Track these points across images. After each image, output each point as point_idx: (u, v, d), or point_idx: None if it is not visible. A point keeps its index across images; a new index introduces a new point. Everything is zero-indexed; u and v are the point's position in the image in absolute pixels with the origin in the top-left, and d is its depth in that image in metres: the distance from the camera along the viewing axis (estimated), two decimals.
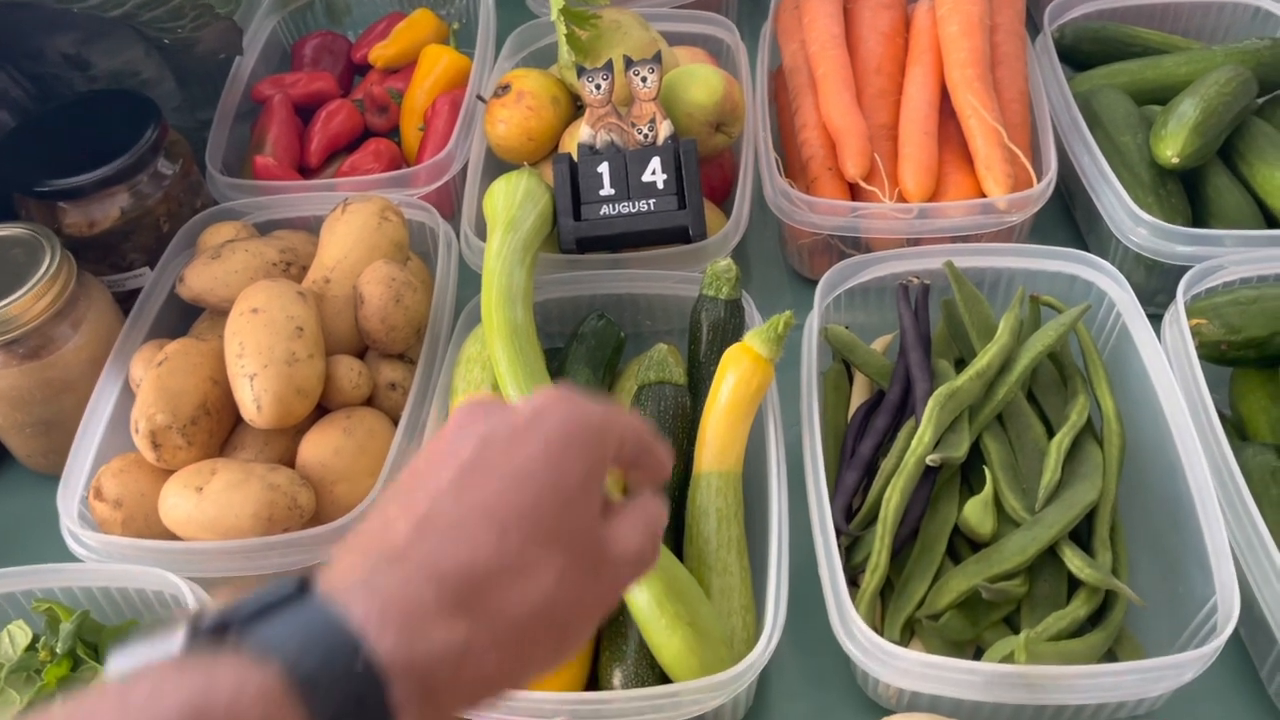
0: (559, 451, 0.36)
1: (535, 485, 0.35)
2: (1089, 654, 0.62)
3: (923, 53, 0.89)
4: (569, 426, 0.36)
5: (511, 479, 0.35)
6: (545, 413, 0.37)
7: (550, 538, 0.34)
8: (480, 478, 0.34)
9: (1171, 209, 0.82)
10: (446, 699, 0.32)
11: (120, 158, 0.82)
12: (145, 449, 0.70)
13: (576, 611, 0.35)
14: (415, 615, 0.31)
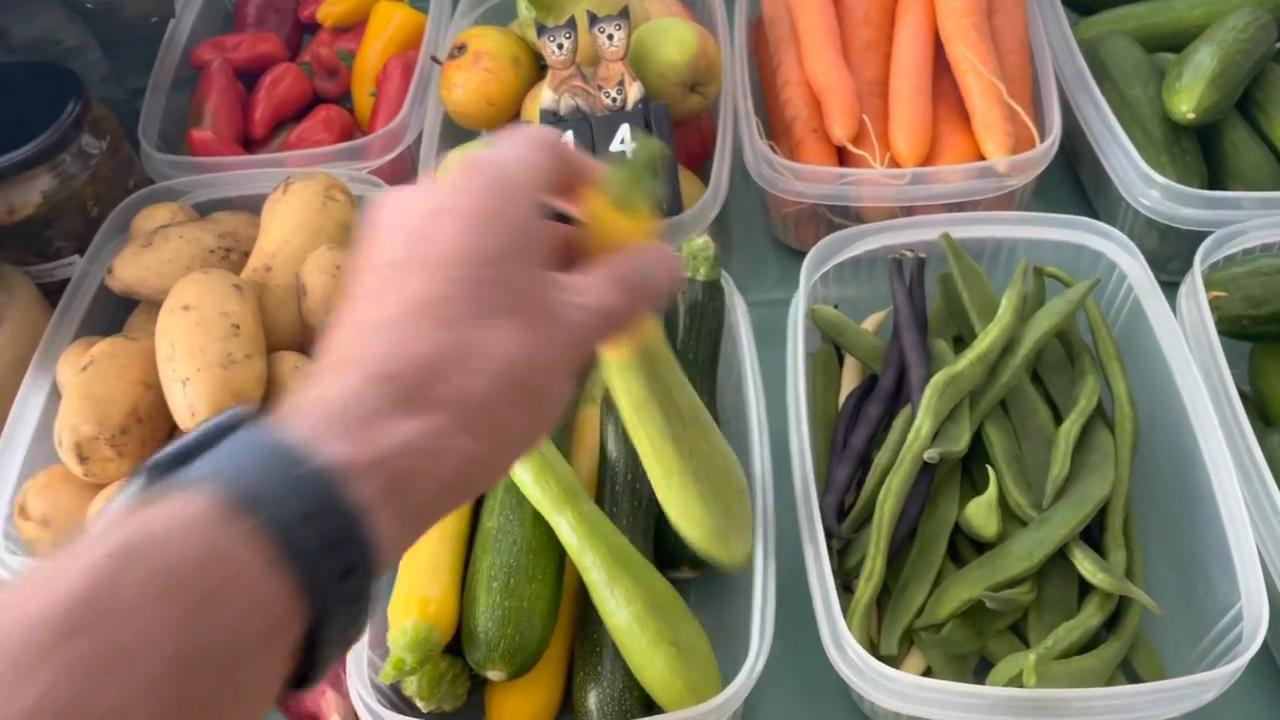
0: (481, 221, 0.34)
1: (465, 262, 0.33)
2: (1102, 670, 0.57)
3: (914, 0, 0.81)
4: (488, 195, 0.35)
5: (438, 265, 0.33)
6: (463, 186, 0.35)
7: (492, 308, 0.33)
8: (408, 273, 0.33)
9: (1186, 168, 0.75)
10: (425, 493, 0.30)
11: (39, 137, 0.75)
12: (71, 462, 0.65)
13: (542, 370, 0.34)
14: (366, 417, 0.30)
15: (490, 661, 0.58)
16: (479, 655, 0.58)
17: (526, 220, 0.35)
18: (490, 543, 0.61)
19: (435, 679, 0.59)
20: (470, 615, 0.59)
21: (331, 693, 0.60)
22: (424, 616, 0.58)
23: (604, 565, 0.58)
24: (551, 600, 0.60)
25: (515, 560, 0.60)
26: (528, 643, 0.58)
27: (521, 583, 0.59)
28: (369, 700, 0.56)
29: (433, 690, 0.59)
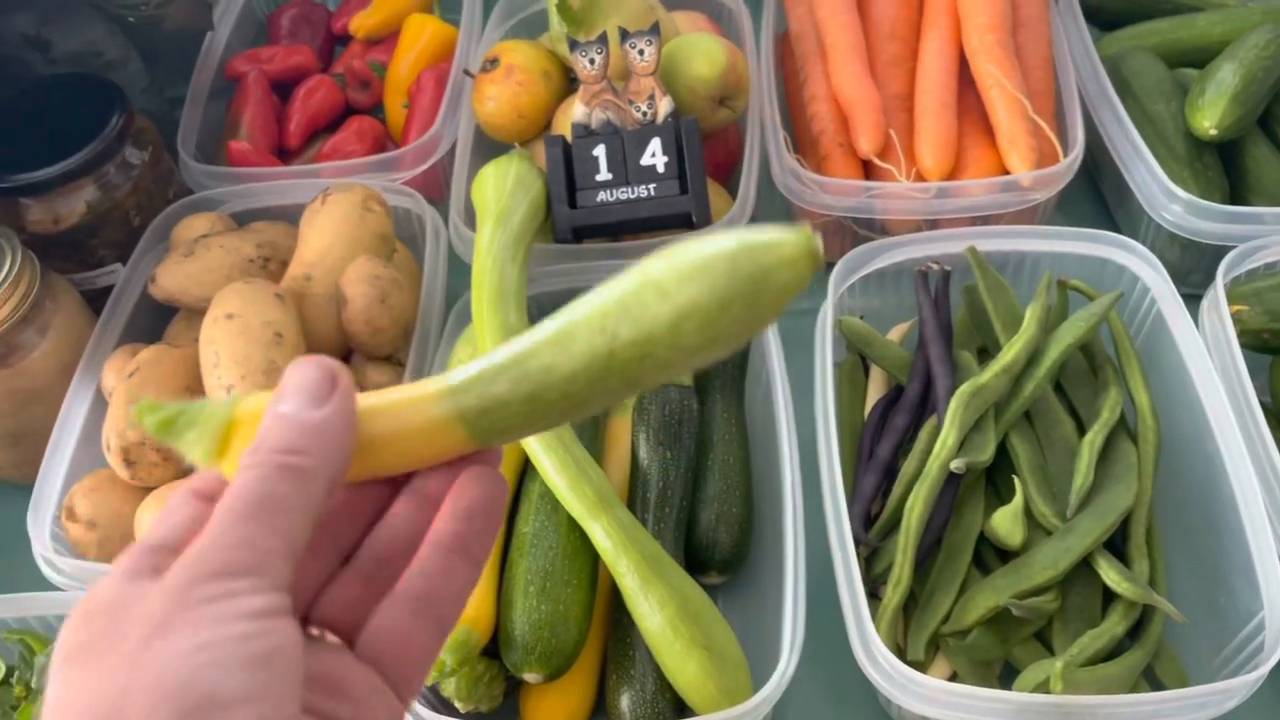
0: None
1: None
2: (1127, 677, 0.58)
3: (939, 15, 0.83)
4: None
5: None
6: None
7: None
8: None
9: (1208, 183, 0.76)
10: None
11: (85, 148, 0.77)
12: (118, 467, 0.66)
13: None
14: None
15: (527, 664, 0.59)
16: (516, 658, 0.60)
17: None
18: (526, 548, 0.62)
19: (473, 681, 0.60)
20: (507, 618, 0.60)
21: None
22: (463, 619, 0.59)
23: (638, 570, 0.60)
24: (586, 604, 0.62)
25: (551, 565, 0.61)
26: (563, 646, 0.60)
27: (557, 587, 0.61)
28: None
29: (470, 691, 0.60)
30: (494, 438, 0.32)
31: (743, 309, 0.29)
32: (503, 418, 0.31)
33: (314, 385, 0.31)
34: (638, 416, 0.68)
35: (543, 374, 0.30)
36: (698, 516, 0.68)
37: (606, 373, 0.30)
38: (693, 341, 0.29)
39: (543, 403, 0.31)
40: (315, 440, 0.30)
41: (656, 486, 0.66)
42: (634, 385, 0.31)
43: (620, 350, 0.30)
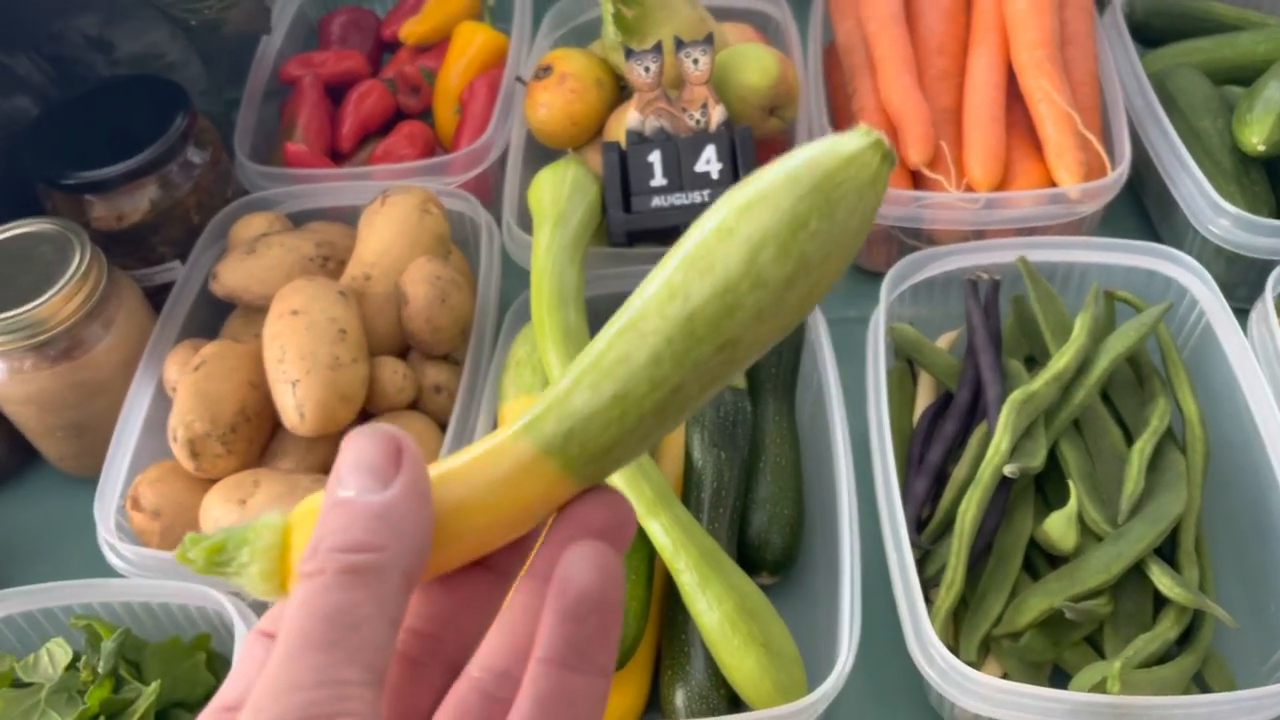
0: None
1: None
2: (1180, 680, 0.59)
3: (987, 31, 0.84)
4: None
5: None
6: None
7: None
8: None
9: (1255, 198, 0.78)
10: None
11: (150, 147, 0.78)
12: (184, 458, 0.68)
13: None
14: None
15: None
16: None
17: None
18: None
19: None
20: None
21: None
22: None
23: (696, 568, 0.61)
24: (644, 600, 0.63)
25: None
26: (622, 640, 0.61)
27: None
28: None
29: None
30: (592, 466, 0.27)
31: (820, 222, 0.26)
32: (593, 435, 0.27)
33: (375, 460, 0.25)
34: (692, 418, 0.70)
35: (620, 366, 0.26)
36: (750, 518, 0.69)
37: (692, 340, 0.26)
38: (777, 273, 0.26)
39: (633, 401, 0.26)
40: (384, 527, 0.25)
41: (711, 487, 0.68)
42: (730, 350, 0.26)
43: (700, 310, 0.26)
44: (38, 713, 0.62)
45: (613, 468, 0.28)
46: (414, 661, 0.27)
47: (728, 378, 0.27)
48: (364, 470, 0.25)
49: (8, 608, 0.66)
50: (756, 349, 0.27)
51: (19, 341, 0.71)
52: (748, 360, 0.27)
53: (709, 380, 0.27)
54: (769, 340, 0.27)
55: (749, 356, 0.27)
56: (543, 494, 0.27)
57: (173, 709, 0.64)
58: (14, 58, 0.84)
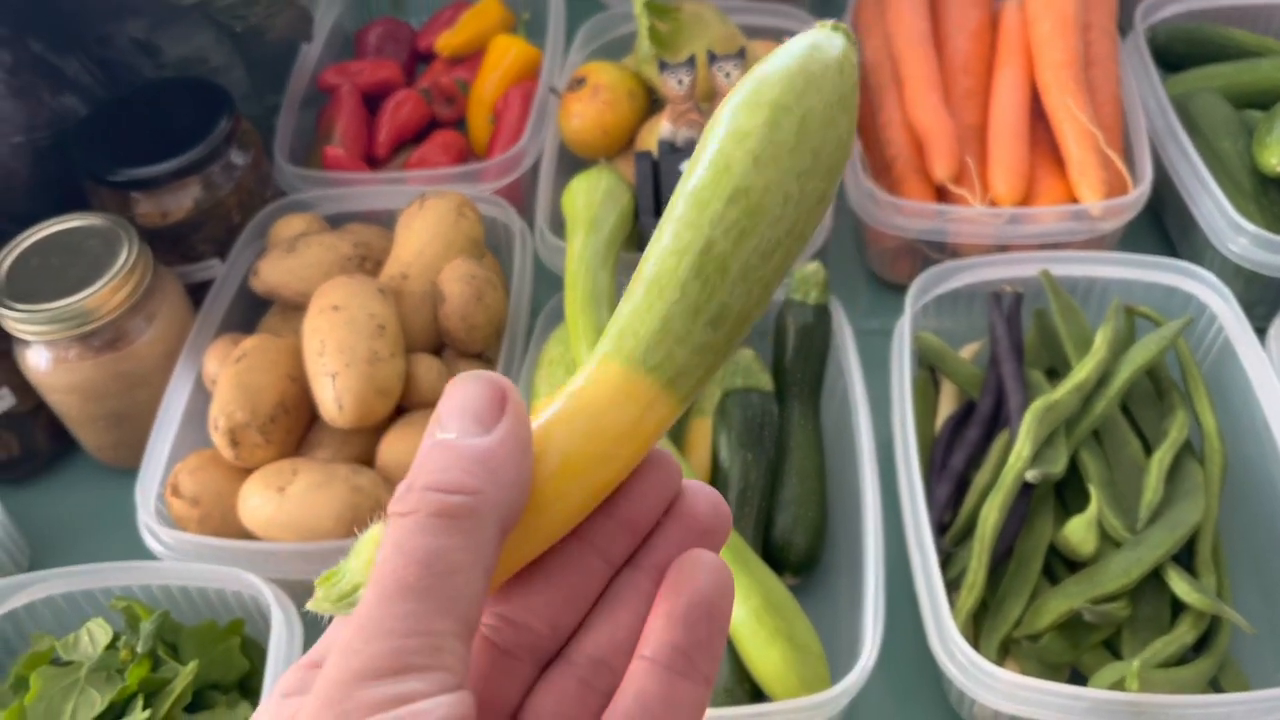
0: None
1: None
2: (1197, 682, 0.60)
3: (1012, 52, 0.86)
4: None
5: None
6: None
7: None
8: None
9: (1275, 218, 0.79)
10: None
11: (195, 147, 0.81)
12: (224, 446, 0.69)
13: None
14: None
15: None
16: None
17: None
18: None
19: None
20: None
21: None
22: None
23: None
24: None
25: None
26: None
27: None
28: None
29: None
30: (687, 375, 0.27)
31: (817, 99, 0.27)
32: (676, 337, 0.27)
33: (479, 404, 0.25)
34: (719, 419, 0.71)
35: (675, 259, 0.27)
36: (775, 519, 0.70)
37: (700, 206, 0.27)
38: (751, 120, 0.27)
39: (702, 287, 0.27)
40: (484, 471, 0.24)
41: (737, 486, 0.69)
42: (743, 199, 0.27)
43: (700, 185, 0.27)
44: (77, 690, 0.63)
45: (709, 368, 0.28)
46: (504, 651, 0.26)
47: (758, 234, 0.27)
48: (467, 414, 0.25)
49: (48, 589, 0.67)
50: (770, 201, 0.27)
51: (66, 331, 0.73)
52: (768, 218, 0.27)
53: (738, 235, 0.27)
54: (780, 193, 0.27)
55: (766, 210, 0.27)
56: (643, 416, 0.27)
57: (207, 690, 0.65)
58: (64, 59, 0.87)
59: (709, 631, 0.25)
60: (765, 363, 0.75)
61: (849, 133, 0.28)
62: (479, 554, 0.23)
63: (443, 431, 0.25)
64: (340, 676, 0.22)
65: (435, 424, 0.25)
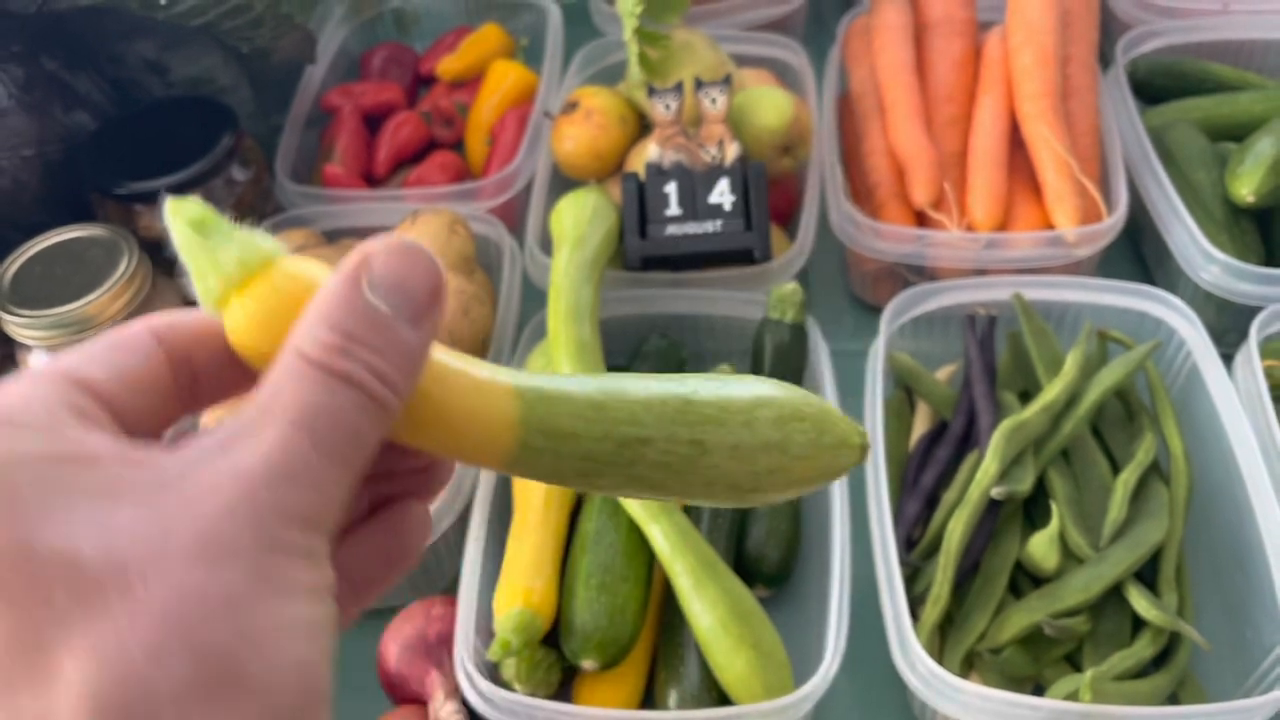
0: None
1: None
2: (1153, 696, 0.61)
3: (994, 82, 0.88)
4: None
5: None
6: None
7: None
8: None
9: (1245, 247, 0.81)
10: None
11: (197, 163, 0.84)
12: None
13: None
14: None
15: (585, 651, 0.63)
16: (575, 645, 0.64)
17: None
18: (588, 543, 0.67)
19: (532, 665, 0.64)
20: (568, 608, 0.65)
21: (436, 673, 0.66)
22: (528, 604, 0.64)
23: (692, 572, 0.64)
24: (642, 600, 0.66)
25: (611, 561, 0.66)
26: (620, 636, 0.64)
27: (616, 581, 0.65)
28: (473, 673, 0.61)
29: (529, 675, 0.64)
30: (543, 439, 0.28)
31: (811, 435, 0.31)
32: (561, 413, 0.28)
33: (420, 292, 0.25)
34: None
35: (615, 386, 0.29)
36: (748, 532, 0.72)
37: (680, 416, 0.29)
38: (765, 433, 0.30)
39: (607, 417, 0.28)
40: (410, 372, 0.24)
41: None
42: (698, 449, 0.29)
43: (700, 404, 0.29)
44: None
45: (549, 458, 0.28)
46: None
47: (683, 481, 0.29)
48: (405, 294, 0.24)
49: None
50: (715, 479, 0.30)
51: (67, 336, 0.75)
52: (696, 486, 0.30)
53: (672, 459, 0.29)
54: (728, 480, 0.30)
55: (701, 481, 0.29)
56: (488, 424, 0.27)
57: None
58: (76, 76, 0.90)
59: (386, 571, 0.29)
60: None
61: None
62: (371, 451, 0.24)
63: (374, 293, 0.24)
64: (271, 500, 0.22)
65: (366, 273, 0.24)
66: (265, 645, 0.21)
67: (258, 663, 0.21)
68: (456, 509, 0.71)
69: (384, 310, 0.24)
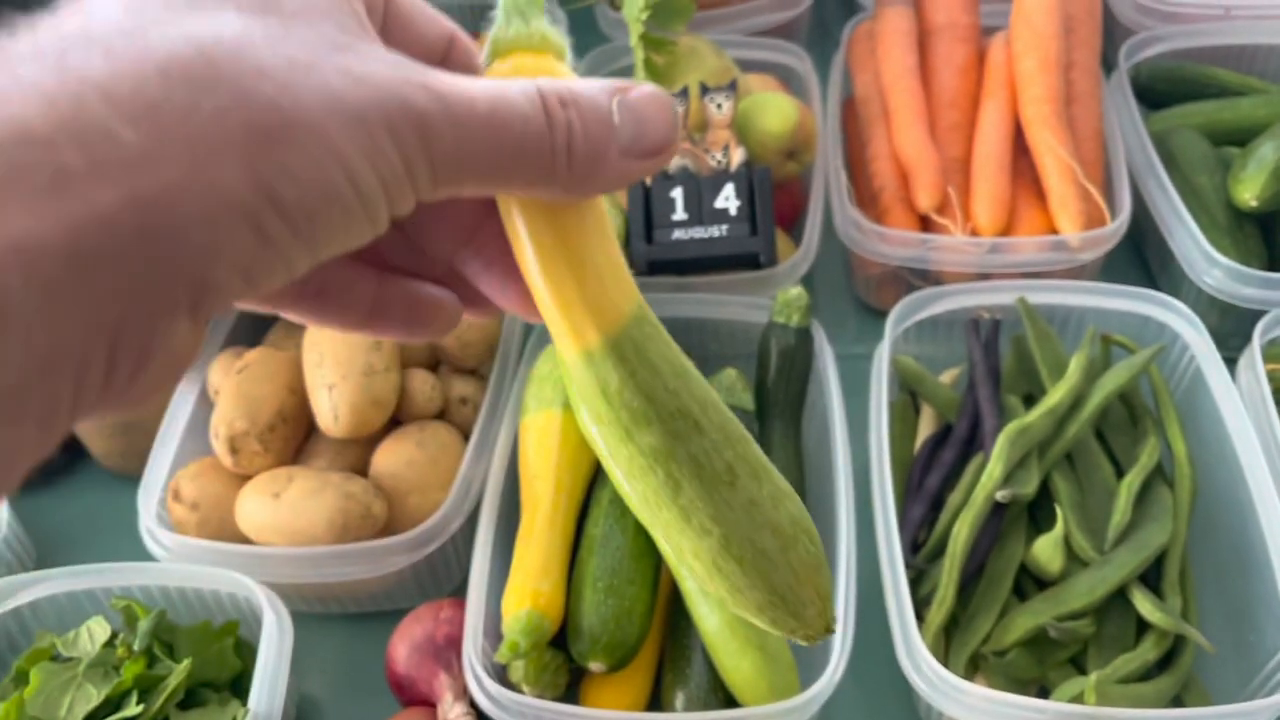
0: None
1: None
2: (1157, 698, 0.62)
3: (998, 87, 0.89)
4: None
5: None
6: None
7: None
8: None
9: (1248, 251, 0.81)
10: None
11: None
12: (223, 454, 0.72)
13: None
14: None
15: (593, 654, 0.64)
16: (583, 647, 0.64)
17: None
18: (596, 547, 0.67)
19: (540, 667, 0.65)
20: (576, 611, 0.65)
21: (444, 675, 0.66)
22: (536, 606, 0.64)
23: None
24: (649, 603, 0.66)
25: (618, 564, 0.66)
26: (627, 639, 0.64)
27: (623, 584, 0.65)
28: (481, 675, 0.62)
29: (537, 677, 0.65)
30: (632, 351, 0.29)
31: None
32: (658, 347, 0.30)
33: (652, 136, 0.27)
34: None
35: (702, 379, 0.31)
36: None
37: (733, 440, 0.30)
38: (780, 520, 0.30)
39: (685, 384, 0.30)
40: (591, 174, 0.27)
41: None
42: (729, 479, 0.29)
43: (751, 446, 0.30)
44: (75, 685, 0.66)
45: (622, 372, 0.29)
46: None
47: (699, 497, 0.30)
48: (639, 128, 0.27)
49: (51, 588, 0.70)
50: (720, 520, 0.30)
51: None
52: (702, 513, 0.30)
53: (701, 468, 0.29)
54: (726, 530, 0.30)
55: (710, 513, 0.30)
56: (602, 299, 0.29)
57: (200, 688, 0.67)
58: None
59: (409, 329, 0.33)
60: (749, 382, 0.78)
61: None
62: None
63: (618, 108, 0.27)
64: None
65: (622, 94, 0.27)
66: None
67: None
68: (465, 511, 0.71)
69: (615, 121, 0.26)
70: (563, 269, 0.29)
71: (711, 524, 0.30)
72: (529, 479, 0.71)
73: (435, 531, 0.69)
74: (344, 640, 0.76)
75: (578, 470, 0.71)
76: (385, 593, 0.74)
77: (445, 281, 0.33)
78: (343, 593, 0.74)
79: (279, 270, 0.23)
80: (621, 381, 0.29)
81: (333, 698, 0.73)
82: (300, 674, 0.73)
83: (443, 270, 0.33)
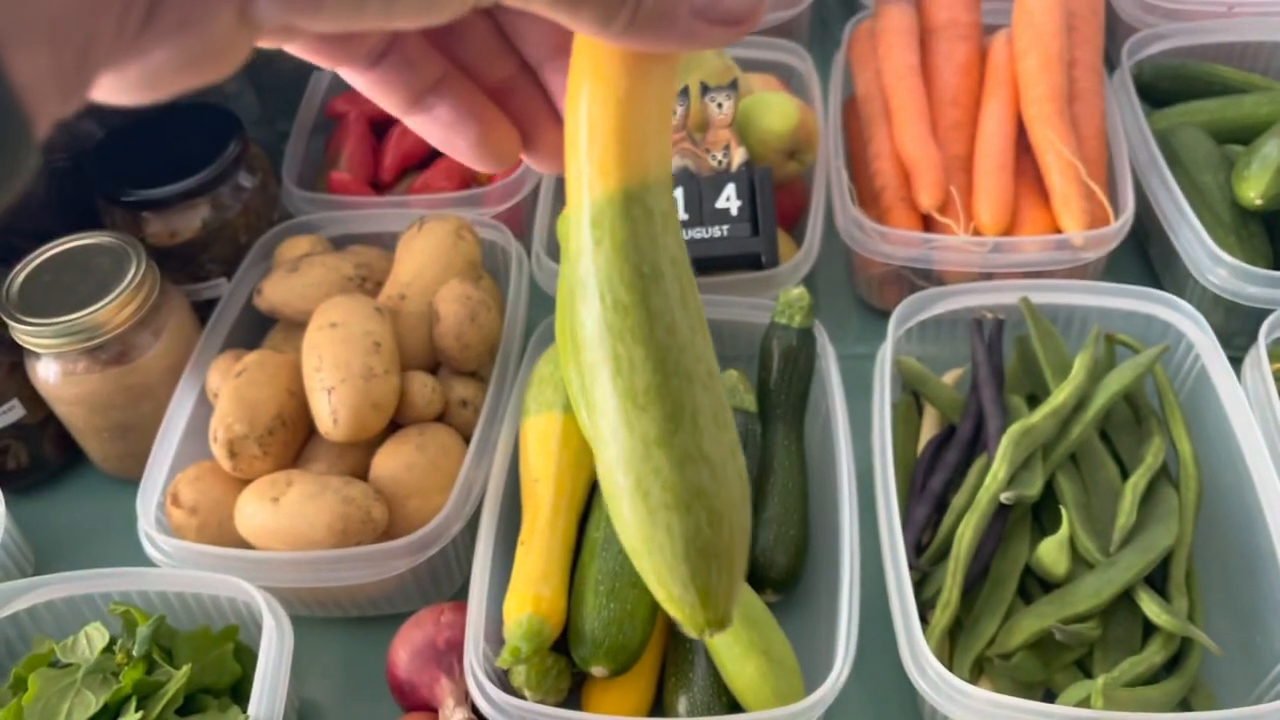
0: None
1: None
2: (1164, 702, 0.61)
3: (999, 86, 0.88)
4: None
5: None
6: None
7: None
8: None
9: (1253, 250, 0.81)
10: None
11: (204, 170, 0.84)
12: (222, 458, 0.72)
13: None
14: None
15: (595, 658, 0.63)
16: (585, 652, 0.64)
17: None
18: (597, 550, 0.67)
19: (542, 672, 0.64)
20: (578, 615, 0.65)
21: (445, 680, 0.66)
22: (537, 611, 0.64)
23: None
24: (651, 606, 0.65)
25: (619, 568, 0.66)
26: (629, 643, 0.64)
27: (625, 588, 0.65)
28: (483, 680, 0.61)
29: (539, 682, 0.64)
30: (641, 213, 0.29)
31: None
32: (670, 228, 0.30)
33: (729, 8, 0.27)
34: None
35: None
36: (756, 537, 0.72)
37: (704, 374, 0.30)
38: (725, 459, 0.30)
39: (689, 294, 0.30)
40: (659, 17, 0.26)
41: None
42: (685, 385, 0.30)
43: (721, 399, 0.31)
44: (74, 691, 0.65)
45: (631, 229, 0.28)
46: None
47: (650, 395, 0.30)
48: (727, 18, 0.27)
49: (49, 593, 0.70)
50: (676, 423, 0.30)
51: (74, 344, 0.75)
52: (661, 417, 0.30)
53: (665, 373, 0.30)
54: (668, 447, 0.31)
55: (669, 411, 0.30)
56: (640, 148, 0.28)
57: (200, 694, 0.67)
58: None
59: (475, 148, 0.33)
60: (751, 383, 0.77)
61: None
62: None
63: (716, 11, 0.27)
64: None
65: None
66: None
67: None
68: (465, 515, 0.71)
69: (701, 20, 0.26)
70: (610, 110, 0.28)
71: (653, 406, 0.30)
72: (530, 482, 0.70)
73: (436, 535, 0.69)
74: (344, 645, 0.75)
75: (579, 473, 0.70)
76: (386, 597, 0.74)
77: (514, 111, 0.33)
78: (343, 597, 0.73)
79: (345, 2, 0.23)
80: (625, 243, 0.28)
81: (333, 703, 0.73)
82: (301, 679, 0.73)
83: (522, 96, 0.33)
